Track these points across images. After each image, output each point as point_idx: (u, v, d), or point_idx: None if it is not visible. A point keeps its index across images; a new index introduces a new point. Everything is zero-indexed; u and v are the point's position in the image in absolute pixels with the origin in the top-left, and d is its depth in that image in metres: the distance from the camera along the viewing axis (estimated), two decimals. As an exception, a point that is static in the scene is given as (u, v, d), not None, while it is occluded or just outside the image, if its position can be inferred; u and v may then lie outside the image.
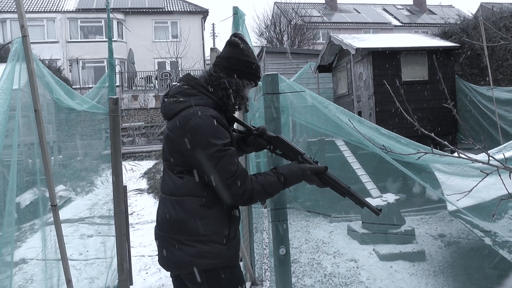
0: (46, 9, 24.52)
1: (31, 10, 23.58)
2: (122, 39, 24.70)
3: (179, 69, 23.11)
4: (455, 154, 1.75)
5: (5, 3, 23.52)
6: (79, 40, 24.54)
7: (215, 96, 1.85)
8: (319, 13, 31.25)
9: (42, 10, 24.31)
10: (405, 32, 24.14)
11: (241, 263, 4.34)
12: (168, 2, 27.13)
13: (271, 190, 1.78)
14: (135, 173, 10.49)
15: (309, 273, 4.87)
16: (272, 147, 1.99)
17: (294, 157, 1.92)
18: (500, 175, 1.70)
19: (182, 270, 1.81)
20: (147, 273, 4.75)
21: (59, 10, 24.54)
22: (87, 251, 5.35)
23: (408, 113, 1.72)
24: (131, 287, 3.77)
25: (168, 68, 24.21)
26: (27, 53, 2.64)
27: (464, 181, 3.00)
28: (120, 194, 2.53)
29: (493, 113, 7.36)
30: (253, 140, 2.03)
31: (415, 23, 30.98)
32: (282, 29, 24.68)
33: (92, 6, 24.96)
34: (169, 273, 1.99)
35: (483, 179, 1.83)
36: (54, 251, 3.01)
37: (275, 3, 30.71)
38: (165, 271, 1.94)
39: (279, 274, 2.28)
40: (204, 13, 26.84)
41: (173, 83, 1.92)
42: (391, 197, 6.12)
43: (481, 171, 1.80)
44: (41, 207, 2.91)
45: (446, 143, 1.68)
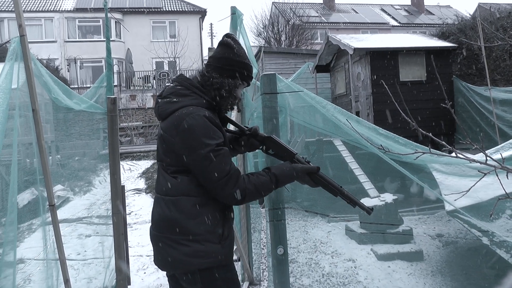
0: (44, 8, 24.48)
1: (29, 9, 23.55)
2: (120, 38, 24.66)
3: (177, 69, 23.10)
4: (453, 154, 1.75)
5: (2, 2, 23.45)
6: (77, 39, 24.51)
7: (208, 96, 1.86)
8: (317, 13, 31.25)
9: (40, 9, 24.28)
10: (403, 32, 24.14)
11: (239, 262, 4.34)
12: (166, 1, 27.10)
13: (263, 189, 1.80)
14: (133, 173, 10.48)
15: (307, 273, 4.88)
16: (264, 147, 2.01)
17: (286, 157, 1.94)
18: (497, 175, 1.71)
19: (177, 269, 1.83)
20: (145, 273, 4.75)
21: (57, 9, 24.51)
22: (85, 251, 5.34)
23: (406, 113, 1.72)
24: (129, 287, 3.77)
25: (166, 68, 24.18)
26: (25, 53, 2.63)
27: (462, 181, 3.00)
28: (118, 194, 2.53)
29: (490, 113, 7.39)
30: (246, 140, 2.04)
31: (413, 24, 31.01)
32: (280, 29, 24.65)
33: (90, 5, 24.92)
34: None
35: (480, 179, 1.84)
36: (52, 251, 3.01)
37: (273, 3, 30.70)
38: (163, 271, 1.95)
39: (277, 274, 2.28)
40: (202, 13, 26.83)
41: (166, 84, 1.94)
42: (389, 197, 6.13)
43: (478, 171, 1.80)
44: (41, 206, 2.91)
45: (443, 143, 1.68)
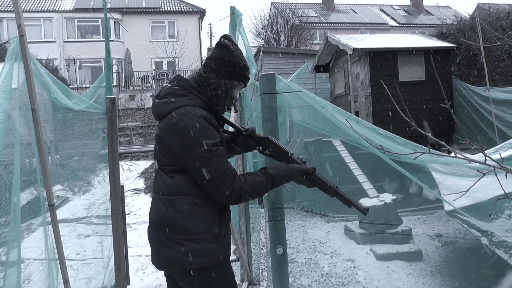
0: (43, 8, 24.46)
1: (28, 9, 23.50)
2: (119, 39, 24.65)
3: (176, 69, 23.09)
4: (452, 154, 1.75)
5: (2, 2, 23.44)
6: (76, 39, 24.48)
7: (205, 96, 1.87)
8: (316, 13, 31.25)
9: (39, 9, 24.26)
10: (402, 32, 24.13)
11: (238, 263, 4.34)
12: (165, 2, 27.09)
13: (259, 189, 1.81)
14: (132, 173, 10.48)
15: (306, 273, 4.88)
16: (261, 147, 2.02)
17: (282, 158, 1.95)
18: (496, 175, 1.71)
19: (174, 269, 1.83)
20: (144, 273, 4.74)
21: (56, 9, 24.48)
22: (84, 251, 5.34)
23: (405, 113, 1.73)
24: (128, 287, 3.77)
25: (165, 68, 24.17)
26: (24, 53, 2.63)
27: (461, 181, 3.00)
28: (117, 194, 2.52)
29: (489, 113, 7.39)
30: (242, 140, 2.05)
31: (412, 24, 31.02)
32: (279, 29, 24.64)
33: (89, 5, 24.91)
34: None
35: (479, 179, 1.84)
36: (51, 250, 3.01)
37: (272, 3, 30.66)
38: (161, 270, 1.96)
39: (276, 274, 2.28)
40: (201, 13, 26.83)
41: (163, 84, 1.94)
42: (388, 197, 6.14)
43: (478, 171, 1.80)
44: (41, 206, 2.91)
45: (443, 143, 1.69)
